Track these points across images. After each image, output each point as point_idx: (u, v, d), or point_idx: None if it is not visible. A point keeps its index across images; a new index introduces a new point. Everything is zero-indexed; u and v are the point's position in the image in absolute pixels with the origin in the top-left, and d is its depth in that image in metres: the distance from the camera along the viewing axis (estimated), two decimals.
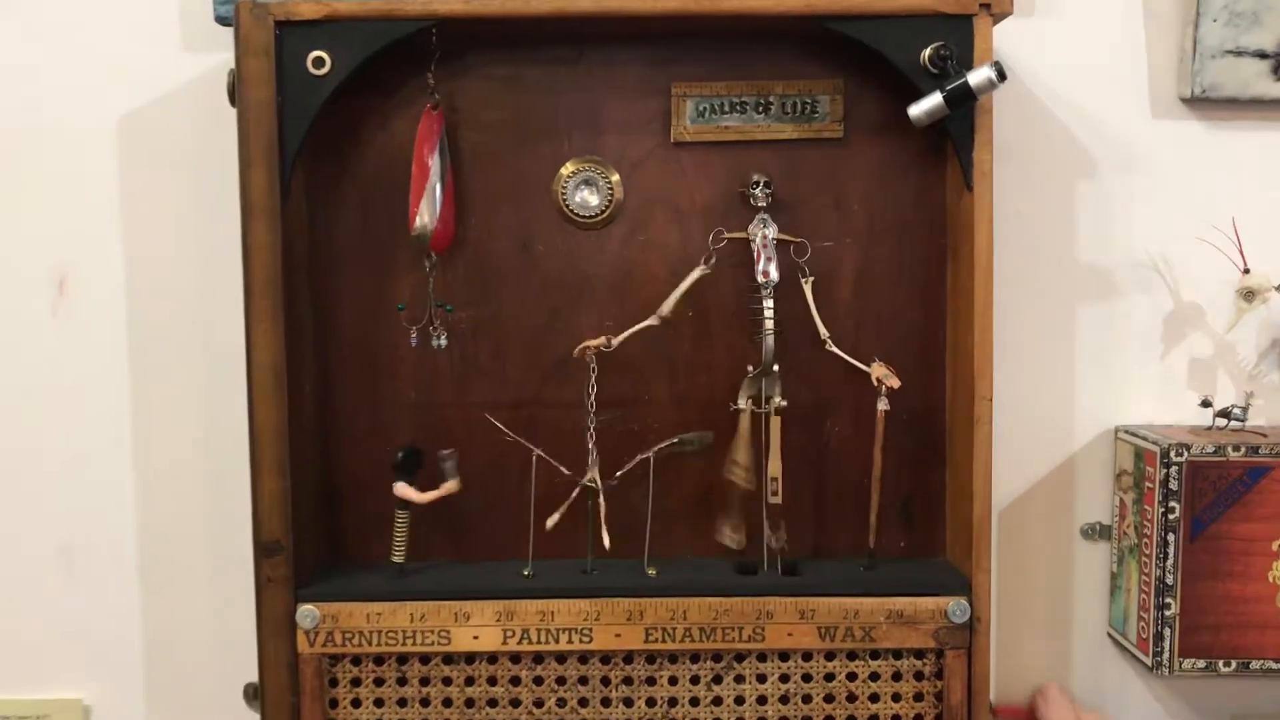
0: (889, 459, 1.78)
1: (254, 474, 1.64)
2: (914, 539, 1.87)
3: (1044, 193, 1.85)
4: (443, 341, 1.78)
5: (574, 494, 1.76)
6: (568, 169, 1.74)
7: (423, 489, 1.76)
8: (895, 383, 1.72)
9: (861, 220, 1.77)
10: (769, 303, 1.73)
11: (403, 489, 1.76)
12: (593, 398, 1.75)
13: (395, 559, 1.73)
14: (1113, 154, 1.86)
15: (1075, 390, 1.89)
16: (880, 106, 1.79)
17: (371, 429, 1.79)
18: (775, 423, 1.75)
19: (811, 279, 1.77)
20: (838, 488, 1.85)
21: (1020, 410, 1.85)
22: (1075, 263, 1.87)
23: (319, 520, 1.78)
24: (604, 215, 1.75)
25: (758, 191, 1.75)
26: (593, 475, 1.75)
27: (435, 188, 1.72)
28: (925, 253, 1.82)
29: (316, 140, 1.67)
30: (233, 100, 1.61)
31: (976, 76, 1.61)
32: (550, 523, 1.76)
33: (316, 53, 1.58)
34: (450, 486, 1.77)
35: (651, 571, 1.72)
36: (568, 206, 1.75)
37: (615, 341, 1.75)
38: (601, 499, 1.76)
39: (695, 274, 1.76)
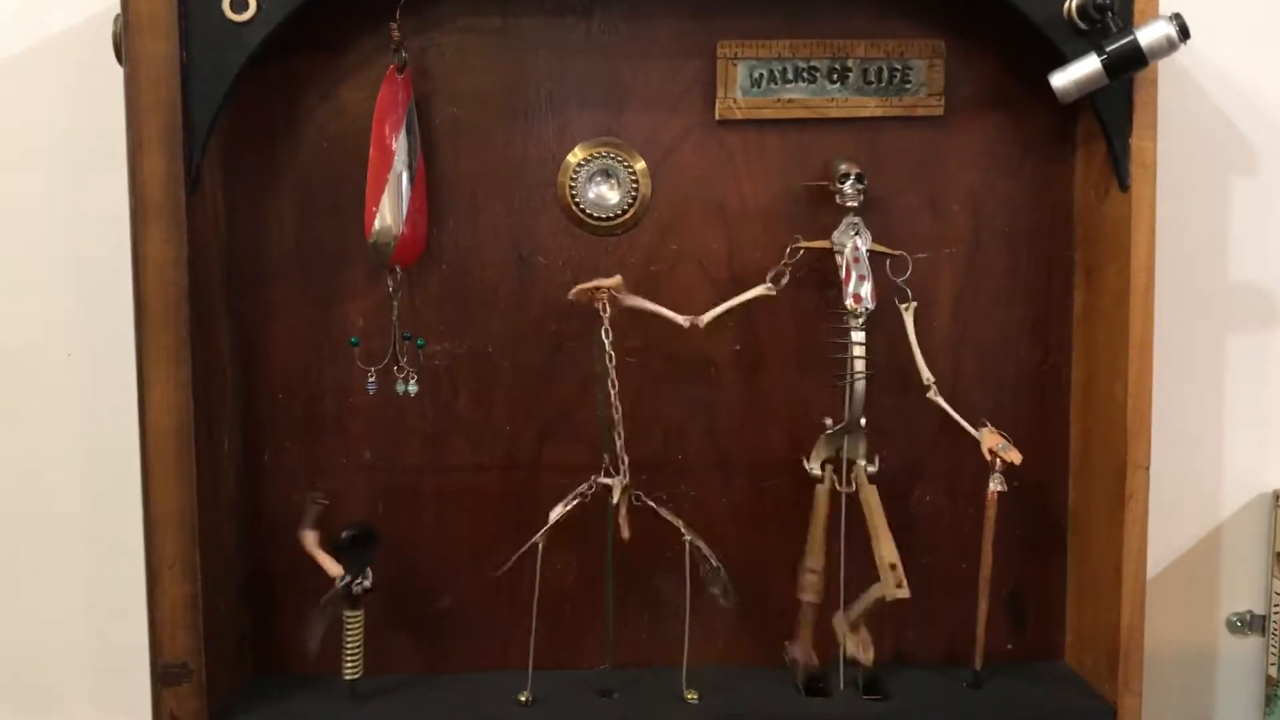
0: (995, 543, 1.39)
1: (150, 578, 1.29)
2: (1024, 639, 1.50)
3: (1191, 193, 1.53)
4: (412, 388, 1.33)
5: (589, 488, 1.36)
6: (578, 155, 1.39)
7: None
8: (1016, 457, 1.33)
9: (964, 225, 1.45)
10: (860, 335, 1.32)
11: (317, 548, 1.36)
12: (609, 345, 1.34)
13: (348, 676, 1.38)
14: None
15: (1224, 443, 1.58)
16: (992, 76, 1.43)
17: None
18: (871, 493, 1.36)
19: (914, 305, 1.35)
20: (928, 573, 1.48)
21: (1155, 469, 1.45)
22: (1228, 281, 1.56)
23: (242, 627, 1.43)
24: (625, 216, 1.41)
25: (847, 187, 1.33)
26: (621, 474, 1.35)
27: (401, 179, 1.32)
28: (1046, 268, 1.46)
29: (238, 114, 1.36)
30: (120, 58, 1.27)
31: (1151, 34, 1.22)
32: (555, 514, 1.35)
33: None
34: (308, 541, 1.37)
35: (691, 696, 1.39)
36: (578, 205, 1.39)
37: (628, 301, 1.35)
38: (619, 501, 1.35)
39: (756, 291, 1.35)
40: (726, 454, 1.44)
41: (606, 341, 1.33)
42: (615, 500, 1.32)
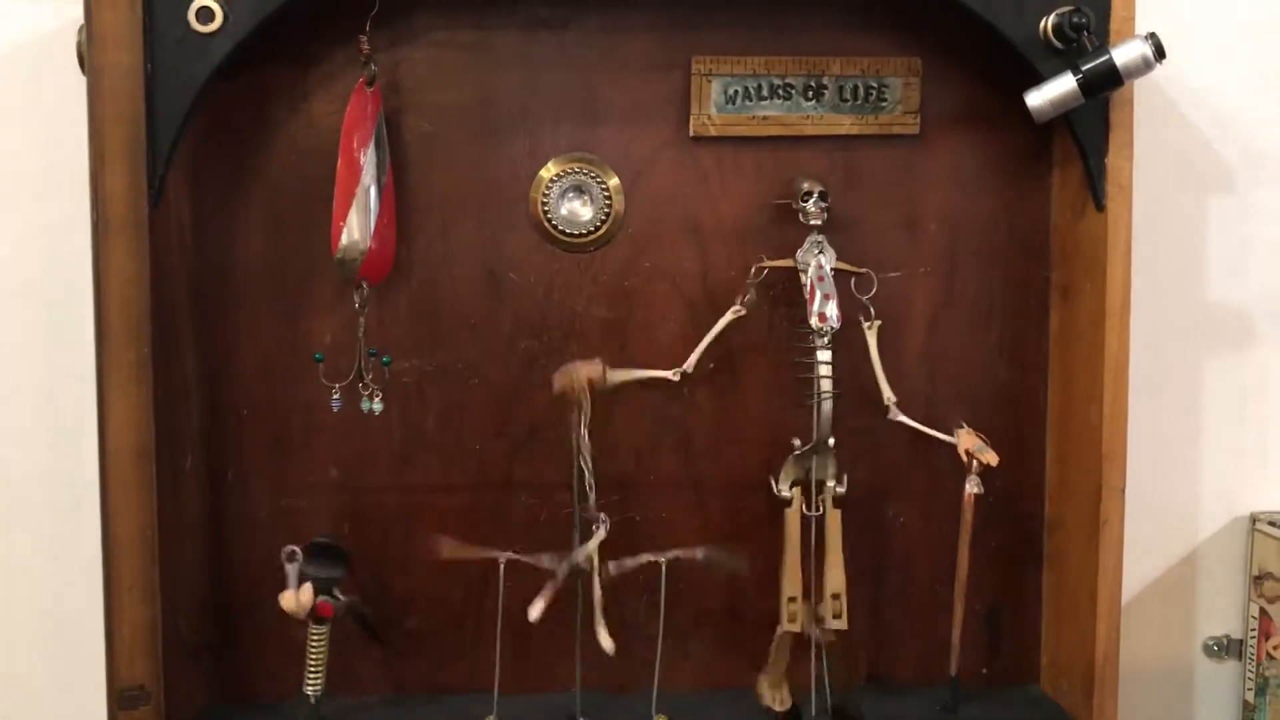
0: (970, 558, 1.37)
1: (109, 600, 1.24)
2: (1000, 662, 1.48)
3: (1168, 213, 1.50)
4: (376, 406, 1.31)
5: (560, 574, 1.31)
6: (551, 171, 1.36)
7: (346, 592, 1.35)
8: (992, 458, 1.31)
9: (940, 244, 1.43)
10: (826, 355, 1.29)
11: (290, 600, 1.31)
12: (584, 439, 1.30)
13: (309, 689, 1.35)
14: (1258, 161, 1.50)
15: (1200, 465, 1.55)
16: (969, 94, 1.41)
17: (277, 520, 1.40)
18: (834, 519, 1.32)
19: (877, 323, 1.32)
20: (902, 594, 1.46)
21: (1131, 490, 1.41)
22: (1204, 301, 1.53)
23: (204, 647, 1.40)
24: (598, 233, 1.37)
25: (810, 205, 1.31)
26: (586, 554, 1.30)
27: (369, 193, 1.29)
28: (1022, 289, 1.44)
29: (205, 126, 1.33)
30: (84, 69, 1.24)
31: (1126, 53, 1.20)
32: (534, 613, 1.31)
33: (203, 0, 1.18)
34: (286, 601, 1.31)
35: None
36: (550, 221, 1.35)
37: (615, 377, 1.31)
38: (597, 585, 1.31)
39: (727, 317, 1.33)
40: (699, 474, 1.41)
41: (584, 438, 1.30)
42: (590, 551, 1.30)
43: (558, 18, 1.35)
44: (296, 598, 1.29)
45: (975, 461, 1.32)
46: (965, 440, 1.33)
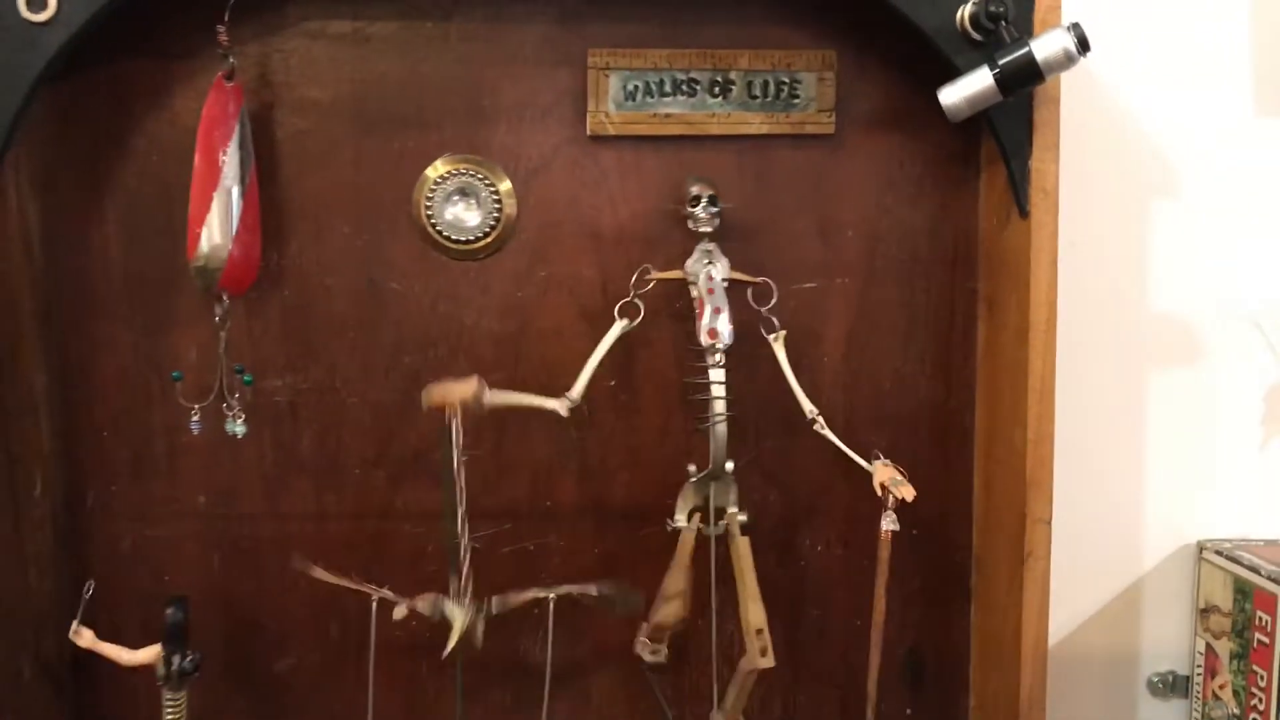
0: (890, 593, 1.24)
1: None
2: (925, 704, 1.37)
3: (1104, 220, 1.39)
4: (239, 428, 1.20)
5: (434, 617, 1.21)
6: (436, 171, 1.23)
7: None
8: (909, 493, 1.18)
9: (858, 252, 1.33)
10: (719, 373, 1.18)
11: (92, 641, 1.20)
12: (460, 466, 1.17)
13: None
14: (1202, 165, 1.40)
15: (1143, 490, 1.44)
16: (889, 92, 1.30)
17: (140, 553, 1.29)
18: (743, 547, 1.22)
19: (782, 333, 1.22)
20: (820, 629, 1.36)
21: (1068, 516, 1.32)
22: (1147, 314, 1.41)
23: (54, 694, 1.27)
24: (488, 240, 1.27)
25: (699, 211, 1.20)
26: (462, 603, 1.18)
27: (230, 196, 1.18)
28: (948, 301, 1.33)
29: (55, 125, 1.23)
30: None
31: (1047, 46, 1.10)
32: (397, 614, 1.21)
33: None
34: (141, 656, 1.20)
35: None
36: (435, 227, 1.25)
37: (493, 399, 1.17)
38: (480, 627, 1.20)
39: (613, 334, 1.22)
40: (600, 500, 1.31)
41: (456, 450, 1.16)
42: (451, 645, 1.18)
43: (441, 7, 1.24)
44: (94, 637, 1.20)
45: (891, 496, 1.20)
46: (881, 473, 1.21)
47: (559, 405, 1.19)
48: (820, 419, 1.23)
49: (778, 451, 1.30)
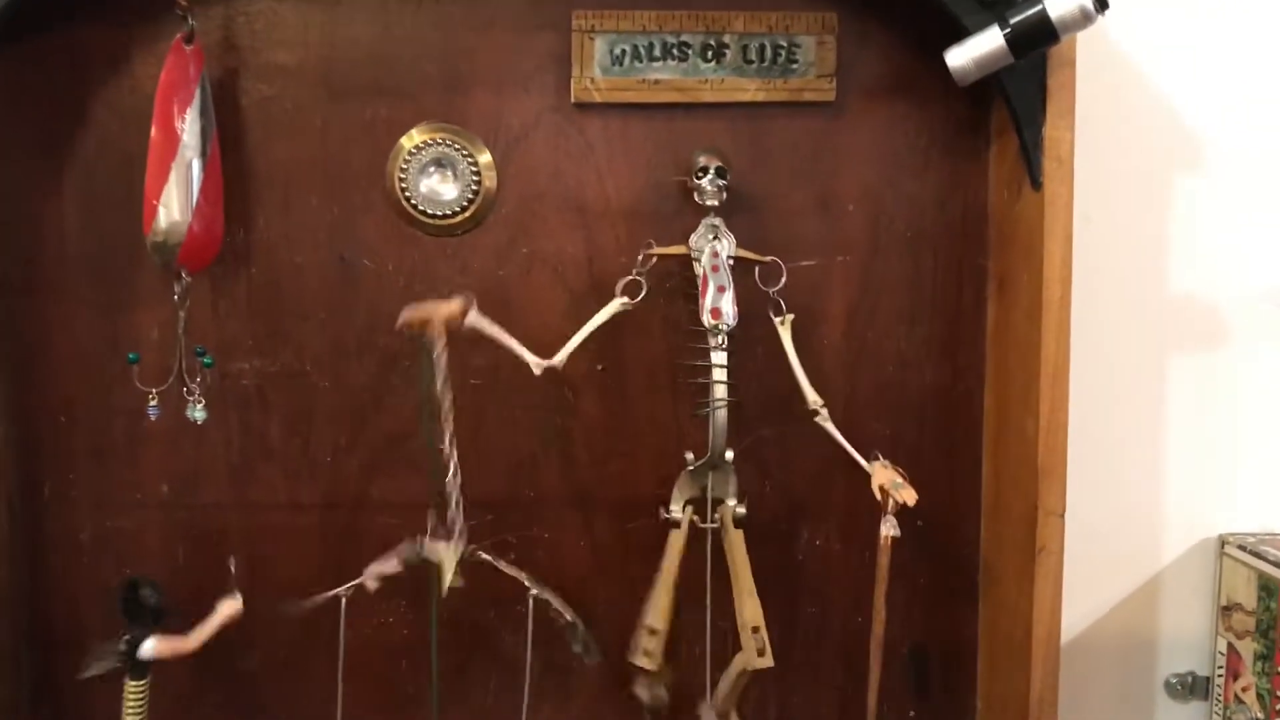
0: (893, 589, 1.17)
1: None
2: (927, 705, 1.31)
3: (1123, 190, 1.31)
4: (199, 414, 1.13)
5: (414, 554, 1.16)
6: (411, 141, 1.15)
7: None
8: (910, 497, 1.11)
9: (861, 228, 1.26)
10: (721, 356, 1.11)
11: (158, 646, 1.14)
12: (445, 389, 1.11)
13: None
14: (1227, 135, 1.32)
15: (1162, 480, 1.37)
16: (893, 56, 1.23)
17: (101, 545, 1.23)
18: (737, 541, 1.15)
19: (790, 318, 1.15)
20: (817, 628, 1.29)
21: (1082, 508, 1.26)
22: (1167, 294, 1.35)
23: (14, 690, 1.22)
24: (466, 214, 1.20)
25: (705, 183, 1.13)
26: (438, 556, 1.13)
27: (190, 167, 1.12)
28: (956, 278, 1.26)
29: (6, 91, 1.17)
30: None
31: (1062, 3, 1.03)
32: (371, 585, 1.16)
33: None
34: (227, 610, 1.15)
35: None
36: (409, 200, 1.19)
37: (479, 323, 1.11)
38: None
39: (611, 309, 1.15)
40: (586, 490, 1.24)
41: (440, 365, 1.10)
42: (446, 583, 1.12)
43: None
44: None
45: (891, 500, 1.13)
46: (881, 475, 1.13)
47: (535, 362, 1.12)
48: (824, 411, 1.16)
49: (774, 441, 1.24)
